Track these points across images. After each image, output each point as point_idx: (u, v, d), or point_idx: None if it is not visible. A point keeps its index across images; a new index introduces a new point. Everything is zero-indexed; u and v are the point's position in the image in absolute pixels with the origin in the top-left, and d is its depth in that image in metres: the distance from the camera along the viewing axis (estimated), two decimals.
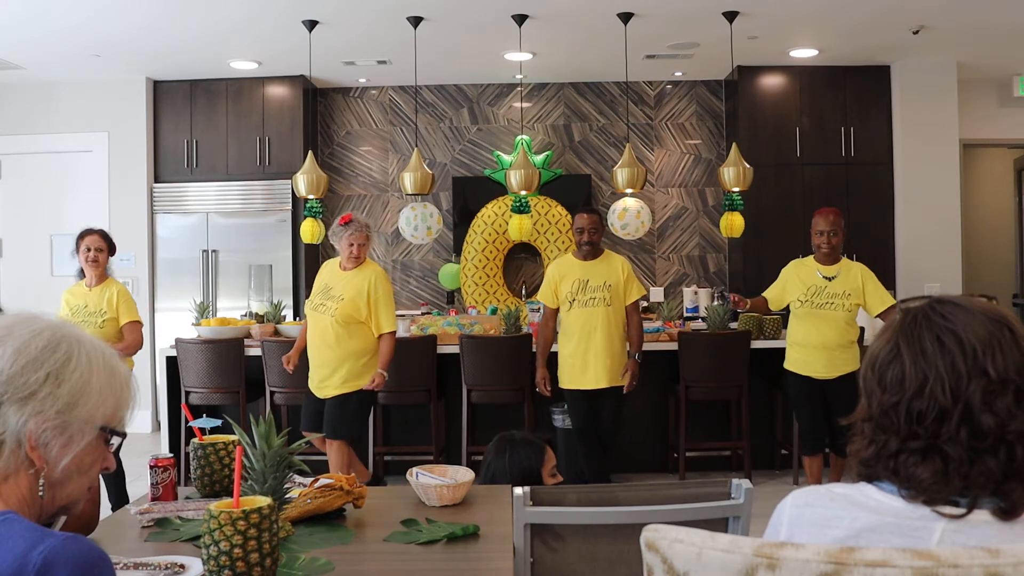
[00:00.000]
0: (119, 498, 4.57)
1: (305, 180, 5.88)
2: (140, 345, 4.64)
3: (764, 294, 4.77)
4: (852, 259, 4.75)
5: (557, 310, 4.82)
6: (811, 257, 4.65)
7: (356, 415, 4.49)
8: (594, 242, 4.73)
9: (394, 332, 4.46)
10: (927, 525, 1.11)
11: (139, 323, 4.66)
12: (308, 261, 7.38)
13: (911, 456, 1.14)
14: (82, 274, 4.64)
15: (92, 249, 4.55)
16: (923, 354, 1.17)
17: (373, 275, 4.42)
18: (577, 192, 7.64)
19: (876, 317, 4.58)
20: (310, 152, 6.12)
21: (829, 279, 4.51)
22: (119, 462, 4.60)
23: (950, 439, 1.12)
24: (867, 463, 1.19)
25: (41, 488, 1.14)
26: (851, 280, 4.50)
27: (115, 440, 1.22)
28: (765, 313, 4.98)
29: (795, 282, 4.60)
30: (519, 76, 7.47)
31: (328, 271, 4.56)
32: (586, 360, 4.67)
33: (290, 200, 7.22)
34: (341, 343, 4.38)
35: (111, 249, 4.65)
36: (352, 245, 4.38)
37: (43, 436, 1.12)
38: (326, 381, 4.44)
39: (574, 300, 4.69)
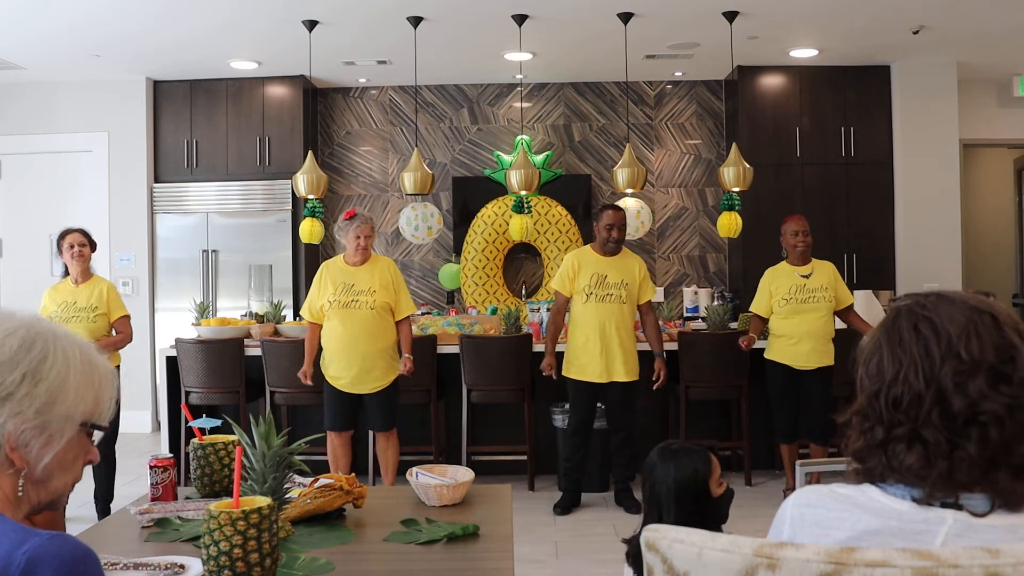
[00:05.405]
0: (107, 493, 4.60)
1: (305, 180, 5.88)
2: (132, 338, 4.77)
3: (753, 310, 5.00)
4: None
5: (569, 299, 4.83)
6: (782, 263, 4.96)
7: (398, 402, 4.69)
8: (621, 239, 4.79)
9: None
10: (930, 529, 1.11)
11: (129, 316, 4.78)
12: (308, 261, 7.38)
13: (898, 444, 1.15)
14: (66, 273, 4.70)
15: (76, 245, 4.61)
16: (900, 343, 1.19)
17: (388, 263, 4.64)
18: (577, 192, 7.64)
19: (836, 314, 4.88)
20: (310, 152, 6.12)
21: (806, 276, 4.84)
22: (112, 457, 4.63)
23: (925, 423, 1.14)
24: (859, 456, 1.20)
25: (20, 488, 1.13)
26: (825, 275, 4.84)
27: (97, 434, 1.21)
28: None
29: (777, 285, 4.88)
30: (519, 76, 7.47)
31: (336, 269, 4.58)
32: (595, 354, 4.69)
33: (290, 200, 7.22)
34: (384, 333, 4.52)
35: (92, 246, 4.72)
36: (359, 238, 4.50)
37: (22, 436, 1.11)
38: (369, 375, 4.50)
39: (591, 293, 4.72)
